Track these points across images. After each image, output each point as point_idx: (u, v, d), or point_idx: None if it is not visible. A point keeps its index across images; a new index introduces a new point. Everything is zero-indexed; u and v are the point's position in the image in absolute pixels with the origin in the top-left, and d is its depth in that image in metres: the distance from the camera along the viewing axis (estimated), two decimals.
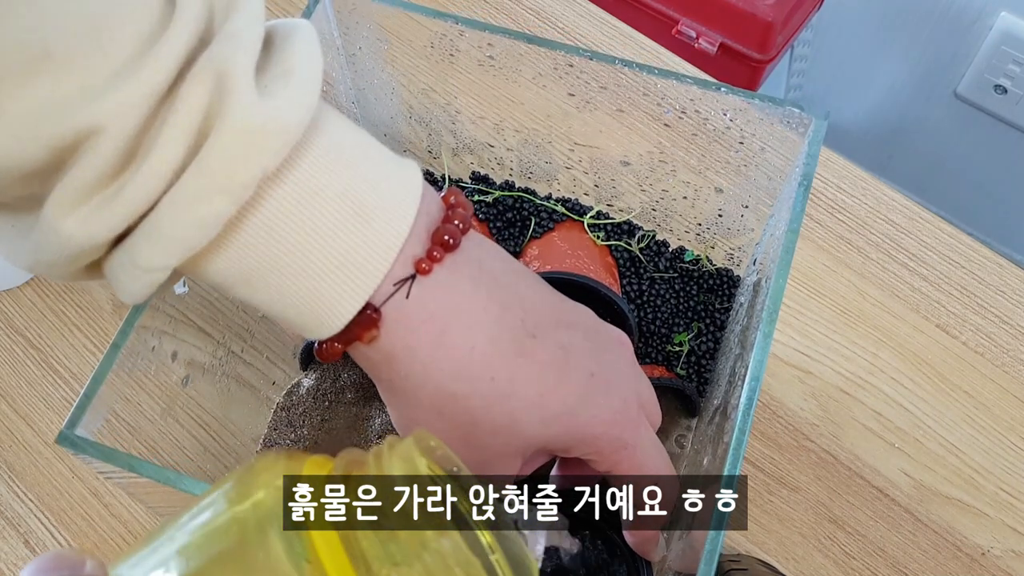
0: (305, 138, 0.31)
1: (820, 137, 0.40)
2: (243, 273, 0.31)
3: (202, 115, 0.28)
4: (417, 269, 0.33)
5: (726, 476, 0.34)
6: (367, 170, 0.32)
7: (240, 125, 0.28)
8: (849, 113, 1.42)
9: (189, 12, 0.28)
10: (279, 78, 0.30)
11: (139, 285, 0.30)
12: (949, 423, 0.56)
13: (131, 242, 0.29)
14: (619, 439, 0.36)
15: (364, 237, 0.31)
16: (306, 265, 0.31)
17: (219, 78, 0.28)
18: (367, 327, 0.33)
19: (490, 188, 0.56)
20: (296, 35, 0.31)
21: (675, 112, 0.45)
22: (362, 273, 0.32)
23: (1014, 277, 0.61)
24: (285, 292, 0.32)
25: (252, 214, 0.30)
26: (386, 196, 0.32)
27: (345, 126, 0.33)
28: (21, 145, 0.26)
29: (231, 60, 0.28)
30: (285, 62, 0.30)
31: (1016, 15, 1.15)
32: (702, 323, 0.53)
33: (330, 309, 0.32)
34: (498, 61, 0.47)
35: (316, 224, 0.31)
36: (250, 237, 0.30)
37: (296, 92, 0.29)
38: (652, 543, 0.42)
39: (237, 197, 0.29)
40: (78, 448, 0.35)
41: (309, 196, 0.31)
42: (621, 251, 0.54)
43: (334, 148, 0.31)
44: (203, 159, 0.28)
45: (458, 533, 0.23)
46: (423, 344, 0.34)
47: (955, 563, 0.53)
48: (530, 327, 0.35)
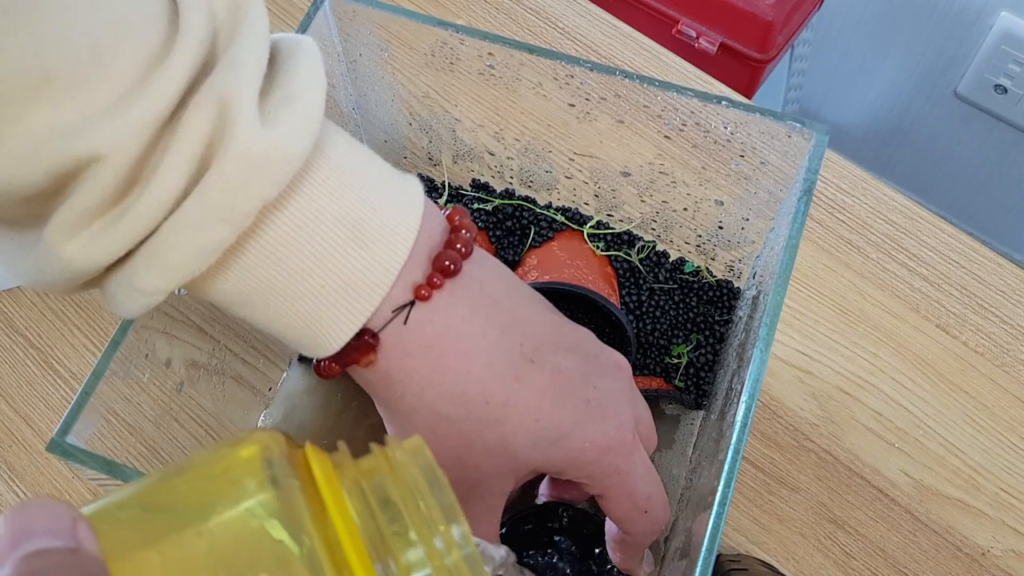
0: (306, 162, 0.30)
1: (821, 152, 0.40)
2: (243, 295, 0.31)
3: (204, 144, 0.28)
4: (416, 295, 0.33)
5: (719, 496, 0.34)
6: (368, 193, 0.32)
7: (242, 155, 0.28)
8: (849, 113, 1.42)
9: (193, 36, 0.28)
10: (282, 104, 0.29)
11: (137, 306, 0.30)
12: (949, 423, 0.56)
13: (130, 266, 0.29)
14: (612, 465, 0.36)
15: (363, 262, 0.31)
16: (305, 289, 0.31)
17: (222, 107, 0.28)
18: (365, 352, 0.33)
19: (490, 196, 0.56)
20: (299, 55, 0.31)
21: (676, 124, 0.45)
22: (360, 297, 0.32)
23: (1014, 277, 0.61)
24: (284, 313, 0.32)
25: (253, 240, 0.30)
26: (386, 220, 0.32)
27: (347, 146, 0.32)
28: (21, 170, 0.26)
29: (234, 89, 0.28)
30: (288, 86, 0.30)
31: (1016, 15, 1.15)
32: (701, 335, 0.53)
33: (327, 332, 0.32)
34: (499, 70, 0.47)
35: (316, 249, 0.31)
36: (250, 262, 0.30)
37: (299, 119, 0.29)
38: (634, 562, 0.42)
39: (237, 225, 0.29)
40: (69, 455, 0.35)
41: (310, 221, 0.31)
42: (621, 261, 0.54)
43: (335, 172, 0.31)
44: (204, 188, 0.28)
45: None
46: (420, 368, 0.34)
47: (955, 563, 0.53)
48: (528, 351, 0.35)
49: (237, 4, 0.30)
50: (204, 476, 0.24)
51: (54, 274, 0.29)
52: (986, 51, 1.20)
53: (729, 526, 0.53)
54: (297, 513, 0.22)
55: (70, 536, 0.21)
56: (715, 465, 0.38)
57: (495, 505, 0.37)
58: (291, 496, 0.23)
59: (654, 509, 0.38)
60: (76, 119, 0.26)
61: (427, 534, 0.23)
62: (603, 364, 0.37)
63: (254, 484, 0.23)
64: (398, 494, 0.24)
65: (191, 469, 0.24)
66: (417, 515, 0.23)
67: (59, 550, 0.21)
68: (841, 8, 1.28)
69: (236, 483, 0.23)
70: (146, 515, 0.23)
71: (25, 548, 0.21)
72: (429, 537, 0.23)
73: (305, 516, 0.22)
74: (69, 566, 0.21)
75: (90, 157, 0.26)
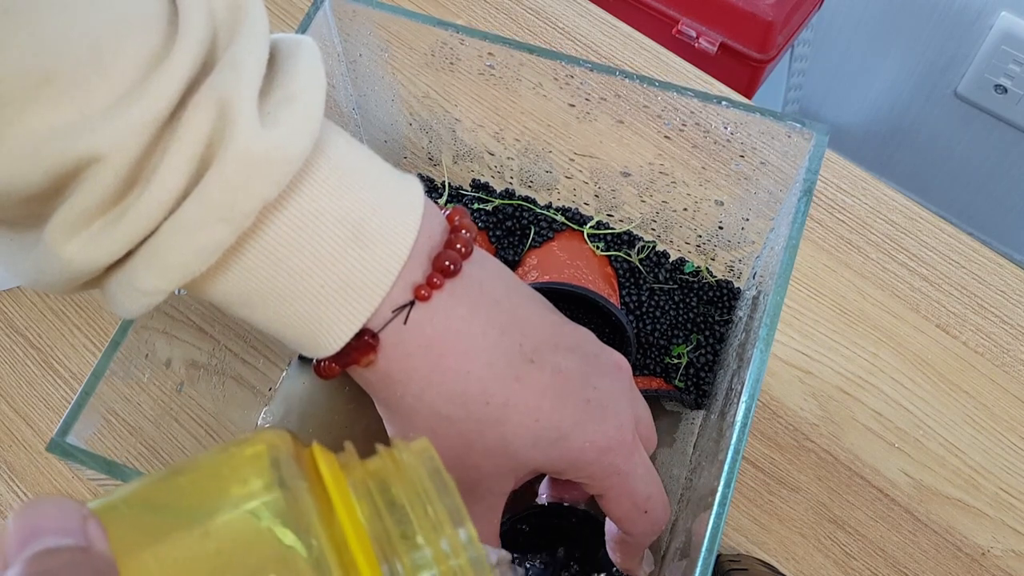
0: (306, 162, 0.30)
1: (821, 152, 0.40)
2: (243, 295, 0.31)
3: (204, 144, 0.28)
4: (416, 296, 0.33)
5: (719, 496, 0.34)
6: (368, 193, 0.32)
7: (242, 155, 0.28)
8: (849, 113, 1.42)
9: (192, 36, 0.28)
10: (282, 104, 0.29)
11: (137, 306, 0.30)
12: (949, 423, 0.56)
13: (130, 266, 0.29)
14: (612, 465, 0.36)
15: (363, 262, 0.31)
16: (305, 289, 0.31)
17: (221, 107, 0.28)
18: (365, 352, 0.33)
19: (490, 196, 0.56)
20: (299, 55, 0.31)
21: (676, 124, 0.45)
22: (360, 298, 0.32)
23: (1014, 277, 0.61)
24: (284, 313, 0.32)
25: (253, 240, 0.30)
26: (386, 220, 0.32)
27: (347, 146, 0.32)
28: (22, 171, 0.26)
29: (234, 89, 0.28)
30: (288, 86, 0.30)
31: (1016, 14, 1.15)
32: (701, 335, 0.53)
33: (327, 332, 0.32)
34: (499, 70, 0.47)
35: (316, 249, 0.31)
36: (251, 262, 0.30)
37: (299, 119, 0.29)
38: (635, 562, 0.42)
39: (238, 226, 0.29)
40: (69, 455, 0.35)
41: (310, 221, 0.31)
42: (621, 262, 0.54)
43: (335, 172, 0.31)
44: (204, 188, 0.28)
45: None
46: (420, 368, 0.34)
47: (955, 563, 0.53)
48: (528, 351, 0.35)
49: (237, 4, 0.30)
50: (212, 476, 0.24)
51: (54, 274, 0.29)
52: (986, 51, 1.20)
53: (729, 526, 0.53)
54: (305, 515, 0.22)
55: (80, 534, 0.21)
56: (715, 465, 0.38)
57: (495, 505, 0.37)
58: (299, 497, 0.23)
59: (654, 509, 0.38)
60: (76, 119, 0.26)
61: (434, 537, 0.23)
62: (603, 364, 0.37)
63: (261, 485, 0.23)
64: (405, 496, 0.24)
65: (199, 469, 0.24)
66: (424, 518, 0.23)
67: (69, 548, 0.21)
68: (841, 8, 1.28)
69: (244, 483, 0.23)
70: (154, 514, 0.23)
71: (34, 547, 0.20)
72: (436, 540, 0.23)
73: (313, 518, 0.22)
74: (79, 565, 0.20)
75: (90, 157, 0.26)
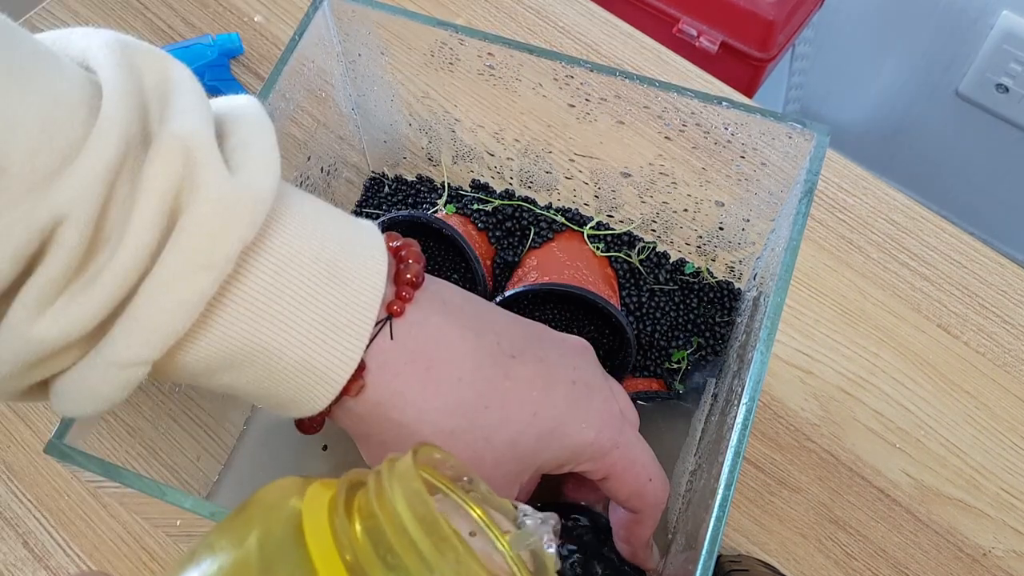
0: (272, 210, 0.30)
1: (822, 153, 0.40)
2: (227, 355, 0.30)
3: (173, 192, 0.27)
4: (390, 311, 0.33)
5: (719, 497, 0.34)
6: (333, 231, 0.32)
7: (215, 197, 0.27)
8: (850, 112, 1.42)
9: (119, 101, 0.27)
10: (238, 148, 0.29)
11: (111, 387, 0.28)
12: (950, 423, 0.56)
13: (108, 338, 0.28)
14: (610, 439, 0.37)
15: (344, 298, 0.31)
16: (292, 336, 0.30)
17: (186, 152, 0.27)
18: (353, 379, 0.32)
19: (490, 196, 0.56)
20: (241, 106, 0.31)
21: (676, 124, 0.45)
22: (349, 334, 0.31)
23: (1016, 277, 0.61)
24: (273, 368, 0.31)
25: (232, 291, 0.29)
26: (357, 253, 0.32)
27: (299, 192, 0.33)
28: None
29: (195, 134, 0.28)
30: (238, 133, 0.30)
31: (1017, 14, 1.15)
32: (702, 336, 0.53)
33: (323, 377, 0.31)
34: (499, 70, 0.47)
35: (296, 291, 0.30)
36: (232, 314, 0.30)
37: (259, 162, 0.29)
38: (645, 551, 0.42)
39: (220, 272, 0.28)
40: (67, 457, 0.34)
41: (285, 263, 0.30)
42: (621, 262, 0.54)
43: (299, 214, 0.31)
44: (181, 236, 0.27)
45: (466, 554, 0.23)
46: (411, 385, 0.33)
47: (956, 564, 0.52)
48: (507, 348, 0.36)
49: (166, 77, 0.30)
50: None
51: (10, 364, 0.27)
52: (987, 50, 1.20)
53: (730, 527, 0.53)
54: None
55: None
56: (716, 466, 0.38)
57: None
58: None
59: (656, 475, 0.39)
60: (28, 194, 0.25)
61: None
62: (572, 346, 0.39)
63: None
64: (396, 542, 0.23)
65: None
66: (416, 559, 0.23)
67: None
68: (842, 7, 1.28)
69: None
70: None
71: None
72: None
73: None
74: None
75: (54, 221, 0.26)
